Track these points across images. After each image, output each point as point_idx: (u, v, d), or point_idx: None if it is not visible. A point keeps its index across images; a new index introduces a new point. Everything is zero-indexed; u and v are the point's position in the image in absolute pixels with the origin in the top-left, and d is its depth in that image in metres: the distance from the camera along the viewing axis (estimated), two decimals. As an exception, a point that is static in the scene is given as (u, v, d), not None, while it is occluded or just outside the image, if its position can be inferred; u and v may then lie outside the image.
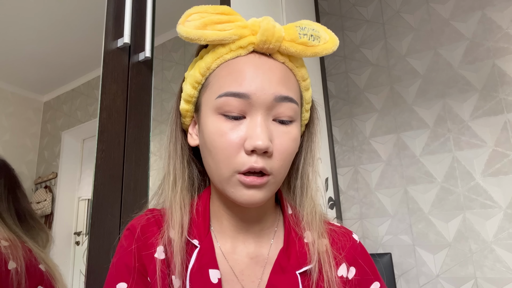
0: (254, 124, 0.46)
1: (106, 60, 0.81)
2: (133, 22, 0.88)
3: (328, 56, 2.24)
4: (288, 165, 0.50)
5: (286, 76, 0.50)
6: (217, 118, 0.48)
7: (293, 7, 1.73)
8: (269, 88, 0.47)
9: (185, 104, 0.54)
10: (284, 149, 0.48)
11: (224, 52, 0.49)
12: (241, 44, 0.49)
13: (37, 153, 0.74)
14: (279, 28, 0.49)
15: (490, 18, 1.82)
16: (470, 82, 1.81)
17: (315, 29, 0.52)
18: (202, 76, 0.51)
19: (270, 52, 0.50)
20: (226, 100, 0.47)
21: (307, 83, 0.54)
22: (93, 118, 0.79)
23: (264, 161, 0.46)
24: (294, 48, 0.50)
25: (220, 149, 0.46)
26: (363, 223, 1.94)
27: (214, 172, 0.49)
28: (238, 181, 0.46)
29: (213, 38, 0.48)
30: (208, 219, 0.54)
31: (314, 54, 0.51)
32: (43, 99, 0.78)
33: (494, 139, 1.71)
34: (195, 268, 0.49)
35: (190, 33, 0.48)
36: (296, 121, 0.50)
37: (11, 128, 0.69)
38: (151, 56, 0.88)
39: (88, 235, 0.71)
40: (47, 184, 0.76)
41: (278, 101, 0.47)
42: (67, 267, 0.77)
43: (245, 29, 0.49)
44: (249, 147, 0.45)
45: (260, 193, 0.47)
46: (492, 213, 1.65)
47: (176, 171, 0.54)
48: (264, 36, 0.48)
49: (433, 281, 1.71)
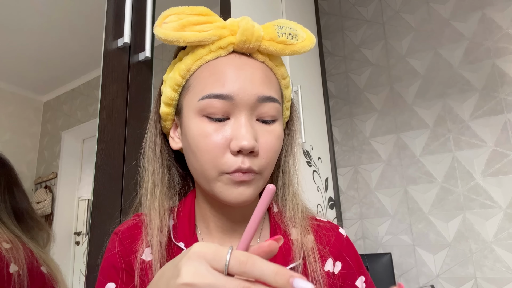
0: (239, 124, 0.46)
1: (106, 60, 0.81)
2: (133, 22, 0.88)
3: (328, 56, 2.24)
4: (274, 162, 0.50)
5: (267, 76, 0.50)
6: (200, 120, 0.47)
7: (293, 7, 1.73)
8: (252, 88, 0.47)
9: (165, 108, 0.53)
10: (269, 147, 0.48)
11: (204, 53, 0.49)
12: (221, 45, 0.49)
13: (37, 153, 0.74)
14: (258, 27, 0.49)
15: (490, 18, 1.82)
16: (470, 82, 1.81)
17: (293, 27, 0.52)
18: (182, 79, 0.50)
19: (250, 52, 0.50)
20: (209, 102, 0.46)
21: (287, 81, 0.55)
22: (93, 118, 0.79)
23: (251, 161, 0.46)
24: (274, 47, 0.50)
25: (205, 150, 0.46)
26: (363, 223, 1.94)
27: (200, 174, 0.48)
28: (227, 179, 0.46)
29: (192, 40, 0.48)
30: (194, 222, 0.54)
31: (293, 53, 0.52)
32: (43, 99, 0.78)
33: (494, 139, 1.71)
34: None
35: (169, 35, 0.47)
36: (279, 120, 0.51)
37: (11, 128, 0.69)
38: (151, 56, 0.88)
39: (88, 235, 0.71)
40: (47, 184, 0.76)
41: (261, 101, 0.48)
42: (67, 267, 0.77)
43: (224, 29, 0.49)
44: (235, 148, 0.45)
45: (248, 190, 0.47)
46: (492, 213, 1.65)
47: (155, 175, 0.53)
48: (244, 36, 0.48)
49: (433, 281, 1.71)
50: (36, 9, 0.77)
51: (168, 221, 0.53)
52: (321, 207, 1.71)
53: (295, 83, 1.52)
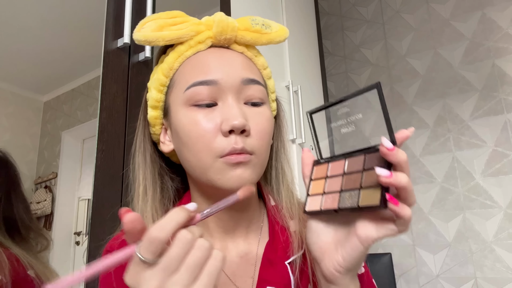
0: (228, 106, 0.46)
1: (106, 60, 0.81)
2: (133, 22, 0.88)
3: (328, 56, 2.24)
4: (268, 146, 0.50)
5: (248, 63, 0.51)
6: (189, 110, 0.47)
7: (293, 7, 1.73)
8: (235, 72, 0.48)
9: (153, 111, 0.53)
10: (261, 128, 0.48)
11: (184, 50, 0.50)
12: (199, 39, 0.50)
13: (37, 153, 0.74)
14: (232, 20, 0.51)
15: (490, 18, 1.82)
16: (470, 82, 1.81)
17: (265, 21, 0.55)
18: (166, 78, 0.51)
19: (227, 44, 0.52)
20: (195, 90, 0.47)
21: (268, 72, 0.55)
22: (93, 118, 0.79)
23: (243, 140, 0.45)
24: (250, 36, 0.52)
25: (197, 137, 0.46)
26: (363, 223, 1.94)
27: (195, 165, 0.48)
28: (222, 164, 0.45)
29: (171, 37, 0.49)
30: None
31: (268, 41, 0.54)
32: (43, 99, 0.78)
33: (494, 139, 1.71)
34: None
35: (148, 36, 0.49)
36: (266, 104, 0.51)
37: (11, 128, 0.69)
38: (151, 56, 0.88)
39: (88, 235, 0.71)
40: (47, 184, 0.76)
41: (245, 83, 0.48)
42: (67, 267, 0.77)
43: (200, 25, 0.51)
44: (226, 127, 0.45)
45: (247, 172, 0.46)
46: (492, 213, 1.65)
47: (146, 180, 0.52)
48: (220, 27, 0.50)
49: (433, 281, 1.71)
50: (36, 9, 0.77)
51: None
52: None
53: (295, 83, 1.52)
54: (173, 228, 0.32)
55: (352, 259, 0.38)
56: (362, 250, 0.37)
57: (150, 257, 0.31)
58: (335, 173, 0.42)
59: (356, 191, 0.38)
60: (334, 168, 0.43)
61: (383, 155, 0.36)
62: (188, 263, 0.31)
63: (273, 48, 1.42)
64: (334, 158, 0.45)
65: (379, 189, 0.36)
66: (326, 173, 0.44)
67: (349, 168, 0.41)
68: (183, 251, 0.31)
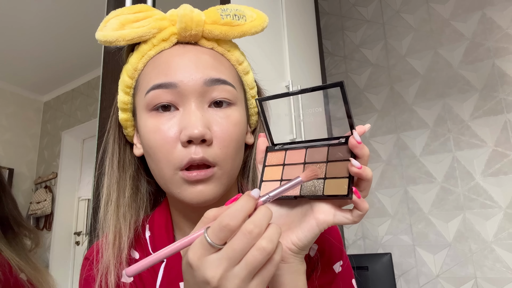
0: (187, 113, 0.43)
1: (106, 60, 0.81)
2: (133, 22, 0.88)
3: (328, 56, 2.24)
4: (236, 153, 0.46)
5: (217, 61, 0.47)
6: (149, 115, 0.45)
7: (293, 7, 1.73)
8: (197, 73, 0.44)
9: (122, 114, 0.50)
10: (225, 135, 0.44)
11: (147, 49, 0.47)
12: (163, 37, 0.47)
13: (37, 153, 0.74)
14: (198, 12, 0.47)
15: (490, 18, 1.82)
16: (470, 82, 1.81)
17: (239, 9, 0.49)
18: (131, 79, 0.48)
19: (194, 40, 0.48)
20: (154, 94, 0.44)
21: (245, 66, 0.51)
22: (93, 118, 0.79)
23: (204, 150, 0.42)
24: (219, 30, 0.47)
25: (157, 147, 0.43)
26: (363, 223, 1.94)
27: (157, 175, 0.46)
28: (181, 179, 0.43)
29: (132, 36, 0.46)
30: (172, 231, 0.51)
31: (241, 34, 0.48)
32: (43, 99, 0.78)
33: (494, 139, 1.71)
34: (164, 284, 0.46)
35: (108, 36, 0.45)
36: (235, 105, 0.47)
37: (11, 128, 0.69)
38: (151, 56, 0.88)
39: (88, 235, 0.71)
40: (47, 184, 0.76)
41: (209, 84, 0.44)
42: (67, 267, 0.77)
43: (164, 21, 0.47)
44: (184, 138, 0.42)
45: (208, 188, 0.43)
46: (492, 213, 1.65)
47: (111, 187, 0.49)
48: (183, 22, 0.46)
49: (433, 281, 1.71)
50: (36, 9, 0.77)
51: (145, 232, 0.51)
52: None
53: (295, 83, 1.52)
54: (243, 217, 0.32)
55: (306, 240, 0.39)
56: (316, 233, 0.39)
57: (218, 242, 0.32)
58: (293, 161, 0.43)
59: (321, 180, 0.40)
60: (292, 157, 0.44)
61: (352, 147, 0.38)
62: (249, 261, 0.32)
63: (273, 48, 1.42)
64: (289, 146, 0.45)
65: (346, 180, 0.38)
66: (283, 160, 0.44)
67: (310, 158, 0.42)
68: (246, 244, 0.32)
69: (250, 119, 0.54)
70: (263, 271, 0.33)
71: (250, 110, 0.53)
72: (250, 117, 0.54)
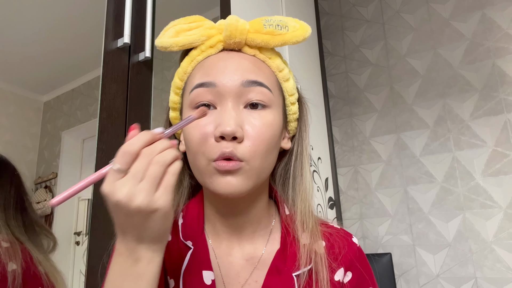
0: (223, 112, 0.47)
1: (106, 60, 0.81)
2: (133, 22, 0.88)
3: (328, 56, 2.24)
4: (266, 152, 0.48)
5: (257, 66, 0.51)
6: (191, 113, 0.48)
7: (293, 7, 1.73)
8: (236, 75, 0.48)
9: (172, 112, 0.56)
10: (256, 134, 0.47)
11: (196, 54, 0.52)
12: (210, 44, 0.52)
13: (37, 153, 0.74)
14: (243, 22, 0.51)
15: (490, 18, 1.82)
16: (470, 82, 1.81)
17: (282, 20, 0.53)
18: (181, 81, 0.54)
19: (238, 47, 0.52)
20: (196, 92, 0.49)
21: (285, 73, 0.54)
22: (93, 118, 0.79)
23: (234, 146, 0.46)
24: (260, 39, 0.51)
25: (195, 141, 0.48)
26: (363, 223, 1.94)
27: (194, 166, 0.50)
28: (214, 168, 0.46)
29: (183, 43, 0.51)
30: (202, 221, 0.54)
31: (283, 42, 0.52)
32: (43, 99, 0.78)
33: (494, 139, 1.71)
34: (189, 269, 0.49)
35: (164, 42, 0.52)
36: (270, 107, 0.49)
37: (11, 128, 0.69)
38: (151, 56, 0.88)
39: (88, 235, 0.71)
40: (47, 184, 0.76)
41: (246, 86, 0.48)
42: (67, 267, 0.77)
43: (212, 29, 0.52)
44: (217, 133, 0.45)
45: (235, 179, 0.46)
46: (492, 213, 1.65)
47: None
48: (228, 31, 0.50)
49: (433, 281, 1.71)
50: (36, 9, 0.77)
51: (178, 218, 0.54)
52: (321, 207, 1.71)
53: (295, 83, 1.52)
54: (140, 145, 0.38)
55: None
56: None
57: (122, 166, 0.37)
58: None
59: None
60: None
61: None
62: (148, 174, 0.37)
63: (273, 48, 1.41)
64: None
65: None
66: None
67: None
68: (144, 164, 0.37)
69: (289, 125, 0.56)
70: (163, 181, 0.38)
71: (289, 117, 0.55)
72: (289, 123, 0.56)
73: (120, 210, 0.37)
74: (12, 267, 0.60)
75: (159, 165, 0.38)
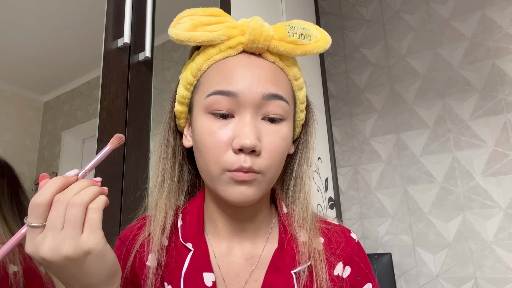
0: (242, 123, 0.46)
1: (106, 60, 0.81)
2: (133, 22, 0.88)
3: (328, 56, 2.24)
4: (279, 164, 0.49)
5: (276, 75, 0.50)
6: (206, 117, 0.48)
7: (293, 7, 1.73)
8: (257, 86, 0.47)
9: (179, 106, 0.54)
10: (273, 148, 0.47)
11: (214, 53, 0.50)
12: (231, 44, 0.49)
13: (37, 153, 0.74)
14: (268, 27, 0.49)
15: (490, 18, 1.82)
16: (470, 82, 1.81)
17: (306, 28, 0.51)
18: (193, 78, 0.52)
19: (259, 52, 0.50)
20: (215, 99, 0.47)
21: (300, 82, 0.54)
22: (93, 118, 0.79)
23: (252, 160, 0.45)
24: (284, 47, 0.49)
25: (209, 148, 0.47)
26: (363, 223, 1.94)
27: (204, 171, 0.49)
28: (229, 178, 0.46)
29: (203, 39, 0.48)
30: (202, 222, 0.54)
31: (304, 53, 0.51)
32: (43, 99, 0.78)
33: (494, 139, 1.71)
34: (189, 272, 0.49)
35: (180, 35, 0.48)
36: (286, 120, 0.50)
37: (11, 128, 0.69)
38: (151, 56, 0.88)
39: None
40: (47, 184, 0.76)
41: (266, 99, 0.47)
42: (67, 267, 0.77)
43: (234, 29, 0.50)
44: (236, 146, 0.45)
45: (250, 190, 0.46)
46: (492, 213, 1.65)
47: (165, 172, 0.54)
48: (252, 35, 0.48)
49: (433, 281, 1.71)
50: (36, 9, 0.77)
51: (177, 221, 0.54)
52: (321, 207, 1.71)
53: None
54: (51, 193, 0.36)
55: None
56: None
57: (36, 221, 0.35)
58: None
59: None
60: None
61: None
62: (68, 220, 0.35)
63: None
64: None
65: None
66: None
67: None
68: (60, 211, 0.35)
69: (294, 130, 0.56)
70: (87, 221, 0.36)
71: (296, 123, 0.56)
72: (295, 128, 0.56)
73: (51, 265, 0.35)
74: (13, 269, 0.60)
75: (76, 206, 0.36)
